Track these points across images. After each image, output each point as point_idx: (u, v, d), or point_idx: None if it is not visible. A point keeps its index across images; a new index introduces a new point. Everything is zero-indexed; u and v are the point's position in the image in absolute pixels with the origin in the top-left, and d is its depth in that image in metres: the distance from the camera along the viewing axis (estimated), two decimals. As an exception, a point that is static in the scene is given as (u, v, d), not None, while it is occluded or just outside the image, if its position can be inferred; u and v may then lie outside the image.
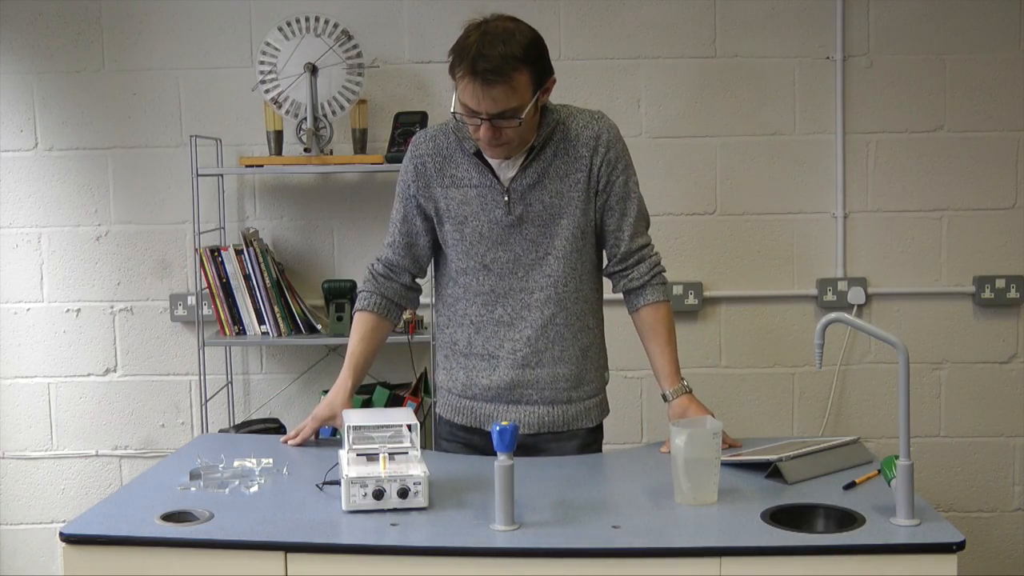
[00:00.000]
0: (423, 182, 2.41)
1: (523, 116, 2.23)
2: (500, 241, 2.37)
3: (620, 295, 2.52)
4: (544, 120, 2.35)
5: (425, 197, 2.42)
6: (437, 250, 2.51)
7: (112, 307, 3.63)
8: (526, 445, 2.39)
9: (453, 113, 2.28)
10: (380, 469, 1.97)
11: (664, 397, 2.42)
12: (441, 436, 2.55)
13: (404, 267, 2.50)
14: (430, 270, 2.58)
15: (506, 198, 2.35)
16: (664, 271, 2.48)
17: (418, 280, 2.56)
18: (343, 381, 2.46)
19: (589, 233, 2.41)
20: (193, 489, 2.11)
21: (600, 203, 2.40)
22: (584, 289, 2.43)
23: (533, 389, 2.41)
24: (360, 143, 3.41)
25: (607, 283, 2.53)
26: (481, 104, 2.20)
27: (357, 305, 2.53)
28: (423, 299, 2.70)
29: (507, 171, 2.35)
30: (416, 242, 2.48)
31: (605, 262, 2.50)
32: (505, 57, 2.17)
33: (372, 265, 2.54)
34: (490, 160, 2.35)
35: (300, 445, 2.42)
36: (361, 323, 2.50)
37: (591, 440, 2.50)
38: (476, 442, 2.43)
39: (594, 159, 2.36)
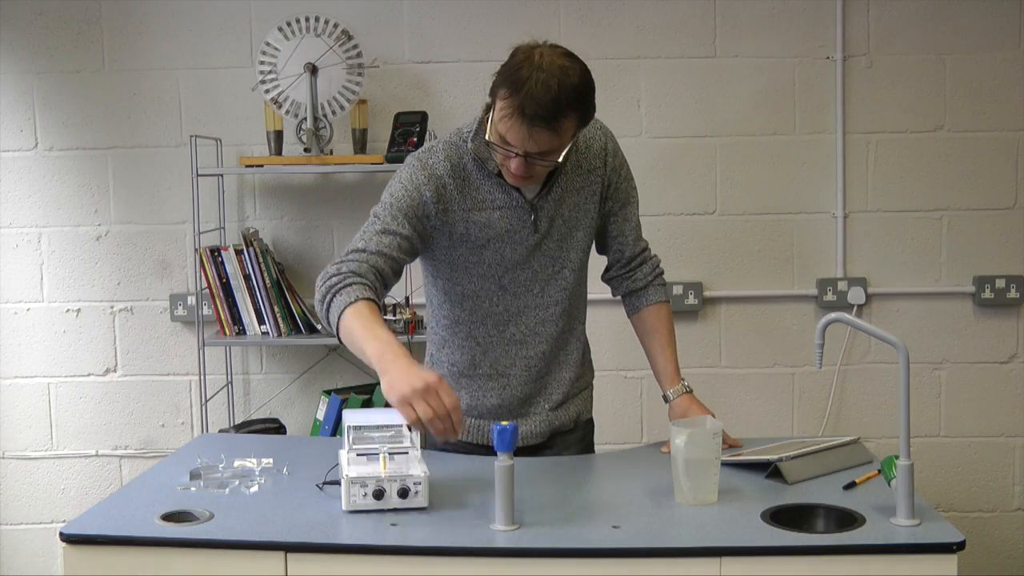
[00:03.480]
0: (443, 206, 2.22)
1: (560, 159, 2.15)
2: (520, 261, 2.28)
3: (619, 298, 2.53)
4: None
5: (442, 221, 2.23)
6: (435, 274, 2.34)
7: (112, 307, 3.63)
8: (534, 446, 2.40)
9: (487, 141, 2.15)
10: (380, 469, 1.97)
11: (665, 397, 2.42)
12: (435, 446, 2.36)
13: (386, 273, 2.17)
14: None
15: (532, 216, 2.27)
16: (663, 273, 2.50)
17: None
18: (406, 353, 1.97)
19: (592, 240, 2.40)
20: (193, 489, 2.10)
21: (606, 209, 2.38)
22: (584, 295, 2.44)
23: (542, 397, 2.40)
24: (360, 143, 3.41)
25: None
26: (523, 144, 2.09)
27: (354, 294, 2.05)
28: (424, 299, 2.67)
29: (531, 190, 2.27)
30: (404, 259, 2.21)
31: (606, 267, 2.49)
32: (558, 102, 2.04)
33: (348, 258, 2.14)
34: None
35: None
36: (373, 312, 2.05)
37: (589, 430, 2.54)
38: (478, 453, 2.36)
39: (605, 169, 2.34)
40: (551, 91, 2.03)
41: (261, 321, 3.38)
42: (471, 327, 2.33)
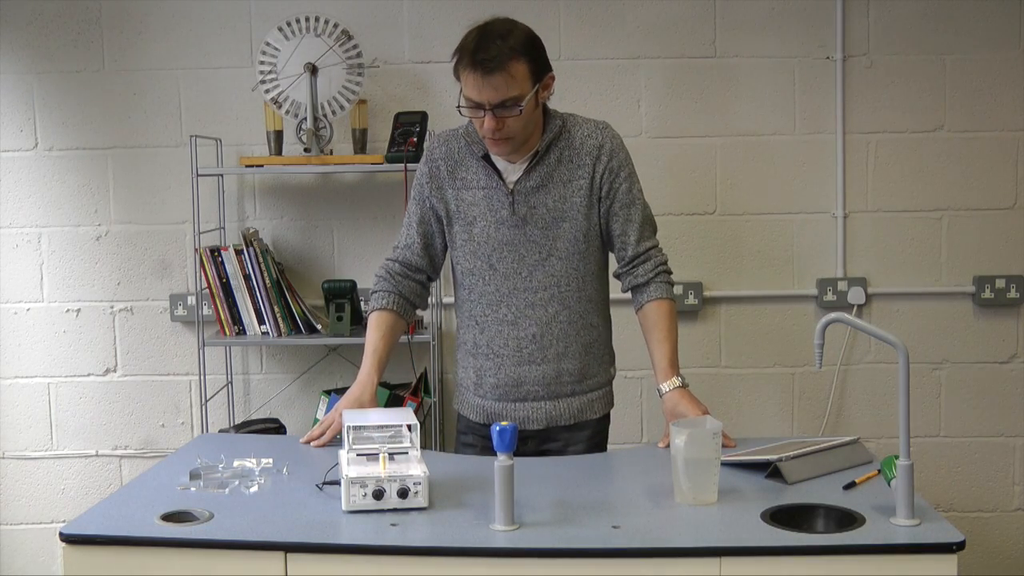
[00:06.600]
0: (436, 184, 2.50)
1: (523, 106, 2.30)
2: (506, 242, 2.45)
3: (628, 295, 2.58)
4: (548, 125, 2.44)
5: (438, 199, 2.50)
6: (450, 257, 2.58)
7: (112, 307, 3.63)
8: (539, 436, 2.50)
9: (458, 108, 2.36)
10: (380, 469, 1.97)
11: (659, 391, 2.44)
12: (459, 430, 2.65)
13: (421, 267, 2.57)
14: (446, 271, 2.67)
15: (511, 199, 2.43)
16: (670, 272, 2.55)
17: (431, 281, 2.64)
18: (368, 377, 2.47)
19: (593, 236, 2.48)
20: (193, 489, 2.11)
21: (604, 209, 2.47)
22: (588, 289, 2.50)
23: (539, 385, 2.49)
24: (360, 143, 3.41)
25: (615, 284, 2.59)
26: (483, 93, 2.29)
27: (374, 304, 2.54)
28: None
29: (513, 174, 2.44)
30: (432, 243, 2.56)
31: (614, 265, 2.56)
32: (502, 49, 2.28)
33: (387, 265, 2.57)
34: (497, 162, 2.44)
35: (325, 444, 2.39)
36: (381, 321, 2.53)
37: (600, 428, 2.58)
38: (482, 434, 2.51)
39: (596, 167, 2.44)
40: (494, 40, 2.29)
41: (261, 321, 3.38)
42: (471, 307, 2.52)
